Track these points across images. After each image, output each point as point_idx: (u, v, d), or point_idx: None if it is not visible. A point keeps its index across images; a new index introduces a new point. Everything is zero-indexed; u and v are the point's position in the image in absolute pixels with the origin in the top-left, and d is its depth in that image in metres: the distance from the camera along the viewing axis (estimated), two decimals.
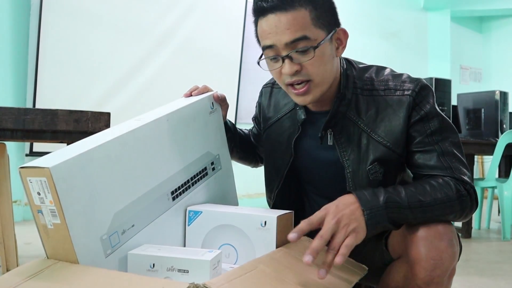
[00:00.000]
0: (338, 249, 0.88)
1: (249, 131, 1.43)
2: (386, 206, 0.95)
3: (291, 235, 0.88)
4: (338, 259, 0.86)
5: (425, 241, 0.94)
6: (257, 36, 1.10)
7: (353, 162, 1.09)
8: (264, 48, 1.05)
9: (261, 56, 1.09)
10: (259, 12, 1.03)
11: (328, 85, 1.07)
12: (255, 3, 1.05)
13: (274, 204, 1.26)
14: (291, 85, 1.05)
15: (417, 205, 0.97)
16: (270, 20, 1.01)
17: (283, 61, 1.02)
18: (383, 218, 0.94)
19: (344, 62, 1.14)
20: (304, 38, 1.00)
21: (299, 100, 1.08)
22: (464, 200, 1.01)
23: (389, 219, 0.95)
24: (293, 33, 0.99)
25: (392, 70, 1.14)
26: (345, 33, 1.08)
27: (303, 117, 1.17)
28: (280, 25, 1.00)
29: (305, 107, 1.18)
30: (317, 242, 0.87)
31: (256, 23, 1.08)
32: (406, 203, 0.96)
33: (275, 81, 1.31)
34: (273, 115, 1.27)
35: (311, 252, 0.85)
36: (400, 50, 6.28)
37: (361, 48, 5.50)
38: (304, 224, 0.90)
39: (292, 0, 0.99)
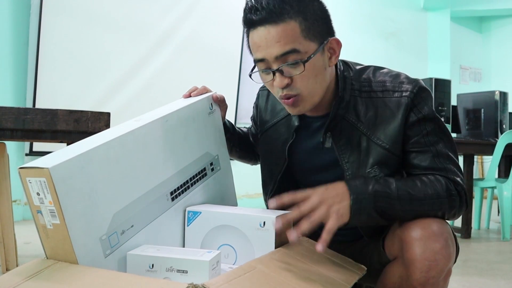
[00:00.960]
0: (318, 227, 0.92)
1: (248, 130, 1.44)
2: (375, 194, 0.97)
3: (272, 202, 0.96)
4: (319, 247, 0.90)
5: (419, 242, 0.94)
6: (249, 47, 1.10)
7: (353, 165, 1.09)
8: (256, 61, 1.05)
9: (253, 68, 1.09)
10: (249, 24, 1.02)
11: (319, 97, 1.07)
12: (244, 15, 1.03)
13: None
14: None
15: (406, 197, 0.98)
16: (260, 33, 1.00)
17: (274, 74, 1.02)
18: (369, 205, 0.96)
19: (341, 64, 1.13)
20: (294, 51, 0.98)
21: (291, 110, 1.08)
22: (454, 200, 1.02)
23: (376, 207, 0.97)
24: (282, 46, 0.98)
25: (389, 70, 1.13)
26: (338, 43, 1.06)
27: (296, 123, 1.17)
28: (270, 38, 0.98)
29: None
30: (293, 212, 0.94)
31: (247, 34, 1.07)
32: (396, 194, 0.98)
33: None
34: (270, 119, 1.27)
35: (282, 218, 0.95)
36: (400, 50, 6.28)
37: (361, 48, 5.50)
38: (286, 196, 0.96)
39: (281, 12, 0.97)
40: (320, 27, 1.02)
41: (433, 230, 0.95)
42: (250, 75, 1.09)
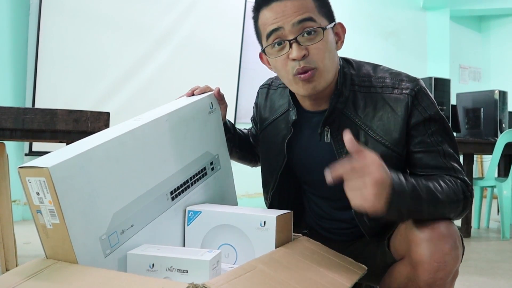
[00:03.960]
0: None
1: (248, 131, 1.43)
2: (412, 195, 0.92)
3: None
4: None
5: (429, 243, 0.94)
6: (257, 31, 1.10)
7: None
8: (269, 35, 1.05)
9: (262, 50, 1.09)
10: (264, 1, 1.05)
11: (332, 75, 1.07)
12: None
13: (270, 205, 1.25)
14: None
15: (434, 202, 0.95)
16: (276, 7, 1.03)
17: (290, 46, 1.03)
18: (404, 204, 0.91)
19: (341, 60, 1.14)
20: (311, 19, 1.02)
21: (305, 88, 1.06)
22: (466, 202, 1.02)
23: (408, 206, 0.92)
24: (300, 14, 1.02)
25: (389, 68, 1.14)
26: (343, 28, 1.11)
27: (294, 118, 1.17)
28: (287, 10, 1.02)
29: (299, 108, 1.17)
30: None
31: (256, 17, 1.08)
32: (426, 199, 0.95)
33: (271, 82, 1.32)
34: (269, 116, 1.27)
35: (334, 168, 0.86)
36: (399, 50, 6.27)
37: (360, 48, 5.49)
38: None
39: None
40: (328, 9, 1.08)
41: (442, 231, 0.95)
42: (264, 52, 1.10)
